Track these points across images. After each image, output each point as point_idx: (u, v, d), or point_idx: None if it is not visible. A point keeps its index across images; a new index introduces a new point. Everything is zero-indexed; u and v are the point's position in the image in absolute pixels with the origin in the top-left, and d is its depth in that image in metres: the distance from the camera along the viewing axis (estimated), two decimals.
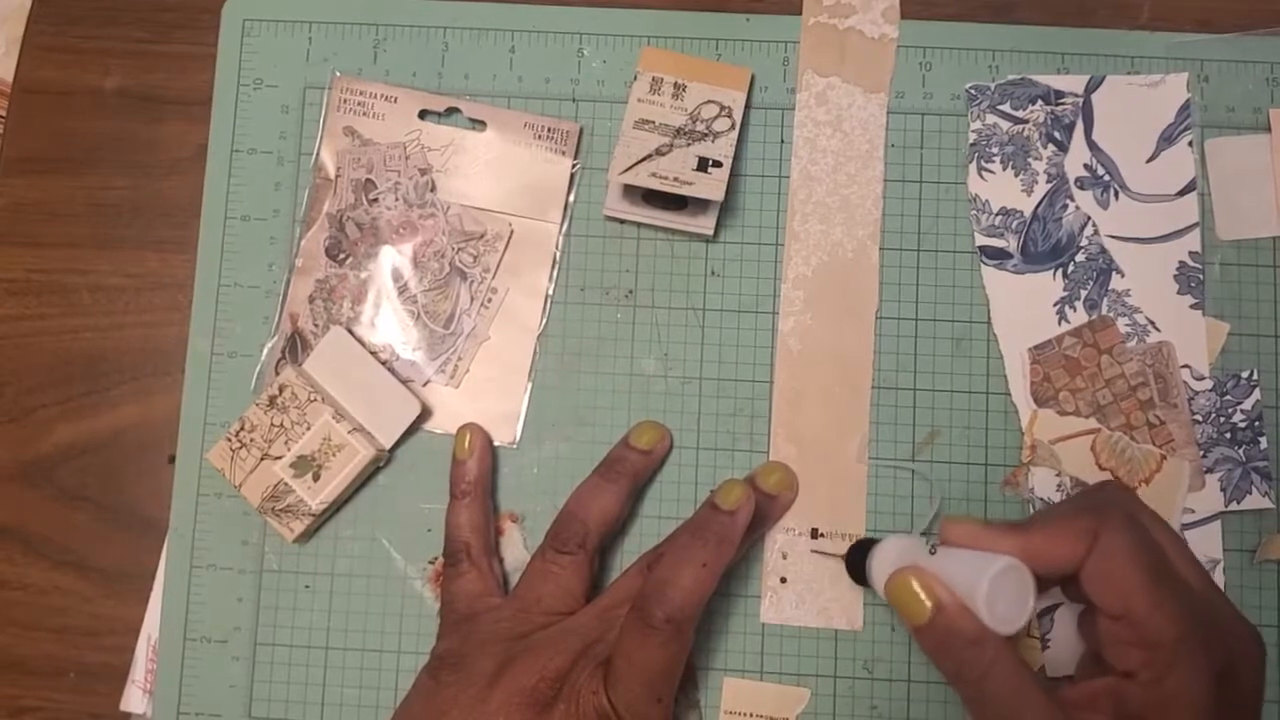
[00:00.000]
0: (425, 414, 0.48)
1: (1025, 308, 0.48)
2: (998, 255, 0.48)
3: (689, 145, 0.47)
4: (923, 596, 0.37)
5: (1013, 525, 0.38)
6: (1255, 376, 0.47)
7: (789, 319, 0.48)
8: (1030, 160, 0.49)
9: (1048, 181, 0.49)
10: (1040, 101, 0.49)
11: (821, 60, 0.50)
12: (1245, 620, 0.38)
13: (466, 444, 0.47)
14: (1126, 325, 0.48)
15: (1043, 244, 0.48)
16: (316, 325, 0.49)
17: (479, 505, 0.46)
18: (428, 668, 0.43)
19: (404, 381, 0.48)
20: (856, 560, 0.44)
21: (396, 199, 0.49)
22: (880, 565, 0.42)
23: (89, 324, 0.50)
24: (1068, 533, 0.37)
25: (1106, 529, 0.37)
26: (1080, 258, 0.48)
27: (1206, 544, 0.46)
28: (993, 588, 0.36)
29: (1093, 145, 0.49)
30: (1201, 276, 0.48)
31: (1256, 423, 0.47)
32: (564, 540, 0.44)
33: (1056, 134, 0.49)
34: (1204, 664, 0.35)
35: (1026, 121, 0.49)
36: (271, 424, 0.47)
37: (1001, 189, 0.49)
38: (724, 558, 0.41)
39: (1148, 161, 0.49)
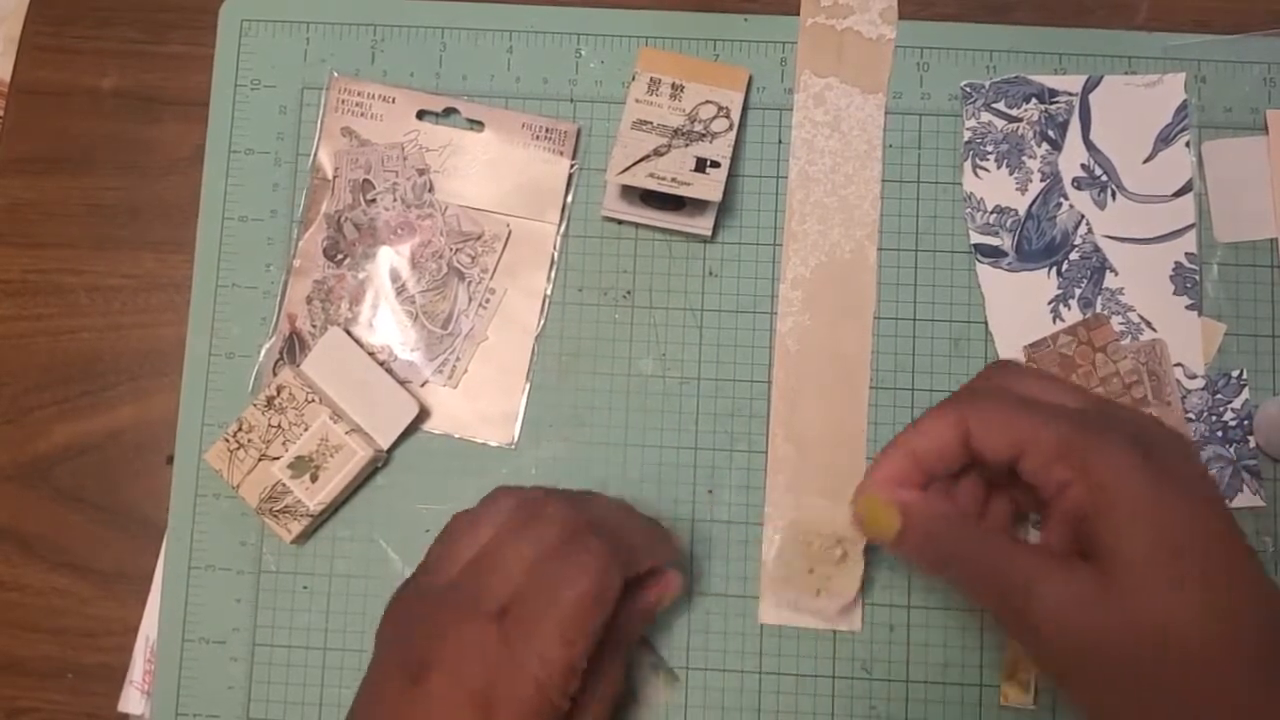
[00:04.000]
0: (423, 414, 0.48)
1: (1020, 305, 0.48)
2: (992, 253, 0.49)
3: (687, 146, 0.47)
4: None
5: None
6: (1244, 376, 0.47)
7: (787, 319, 0.49)
8: (1024, 159, 0.49)
9: (1042, 180, 0.49)
10: (1034, 100, 0.49)
11: (819, 61, 0.50)
12: (1154, 418, 0.38)
13: None
14: (1120, 324, 0.48)
15: (1037, 242, 0.49)
16: (314, 326, 0.49)
17: None
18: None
19: (402, 382, 0.48)
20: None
21: (394, 199, 0.49)
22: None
23: (86, 325, 0.50)
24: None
25: (973, 410, 0.37)
26: (1074, 256, 0.48)
27: None
28: None
29: (1090, 145, 0.49)
30: (1197, 277, 0.48)
31: (1246, 421, 0.47)
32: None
33: (1050, 132, 0.49)
34: (1114, 433, 0.35)
35: (1020, 120, 0.49)
36: (269, 424, 0.47)
37: (996, 187, 0.49)
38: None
39: (1145, 162, 0.49)
